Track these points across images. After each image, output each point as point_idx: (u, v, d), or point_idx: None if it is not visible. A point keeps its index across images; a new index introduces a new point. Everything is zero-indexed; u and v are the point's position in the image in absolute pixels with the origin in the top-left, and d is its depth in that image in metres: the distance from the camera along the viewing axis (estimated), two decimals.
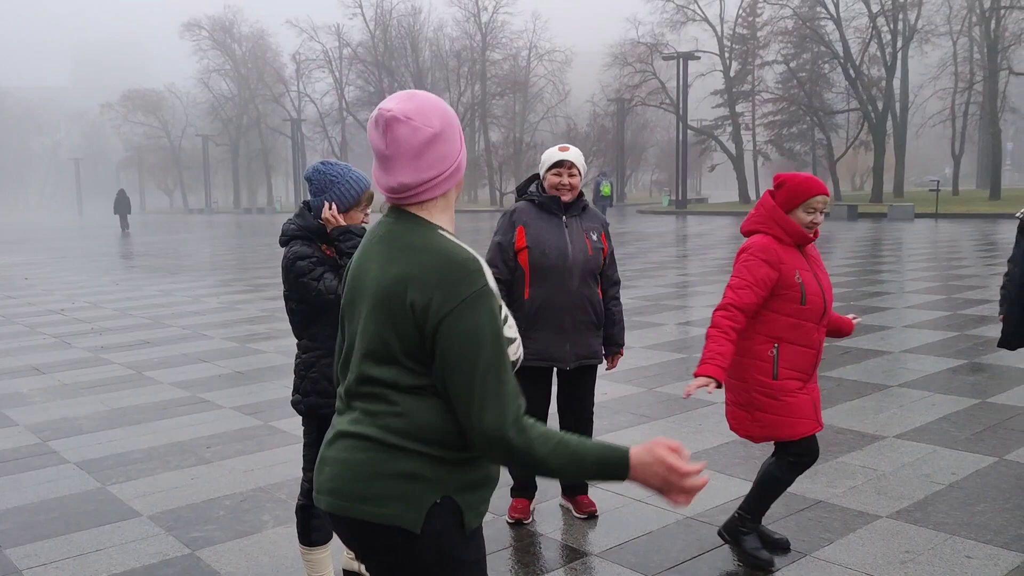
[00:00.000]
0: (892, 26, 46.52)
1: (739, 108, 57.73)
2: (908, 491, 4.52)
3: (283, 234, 3.34)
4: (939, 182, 34.20)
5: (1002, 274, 4.80)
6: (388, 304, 1.79)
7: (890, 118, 47.71)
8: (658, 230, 30.39)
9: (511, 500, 4.32)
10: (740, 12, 55.76)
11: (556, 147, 4.20)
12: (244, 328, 10.48)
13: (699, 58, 52.89)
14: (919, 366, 7.44)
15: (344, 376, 1.95)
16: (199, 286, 15.50)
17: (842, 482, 4.68)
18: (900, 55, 47.50)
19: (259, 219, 56.72)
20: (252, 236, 34.07)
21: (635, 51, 59.04)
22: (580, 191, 4.18)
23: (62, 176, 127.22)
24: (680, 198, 50.30)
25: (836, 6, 46.97)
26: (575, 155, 4.13)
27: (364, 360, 1.84)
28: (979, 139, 58.90)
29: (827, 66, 53.09)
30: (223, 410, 6.58)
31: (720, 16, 55.61)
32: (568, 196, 4.12)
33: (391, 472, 1.79)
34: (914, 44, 48.65)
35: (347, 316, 1.95)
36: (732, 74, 56.01)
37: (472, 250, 1.85)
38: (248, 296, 13.79)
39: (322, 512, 1.90)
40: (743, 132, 57.35)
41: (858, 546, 3.87)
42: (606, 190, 34.01)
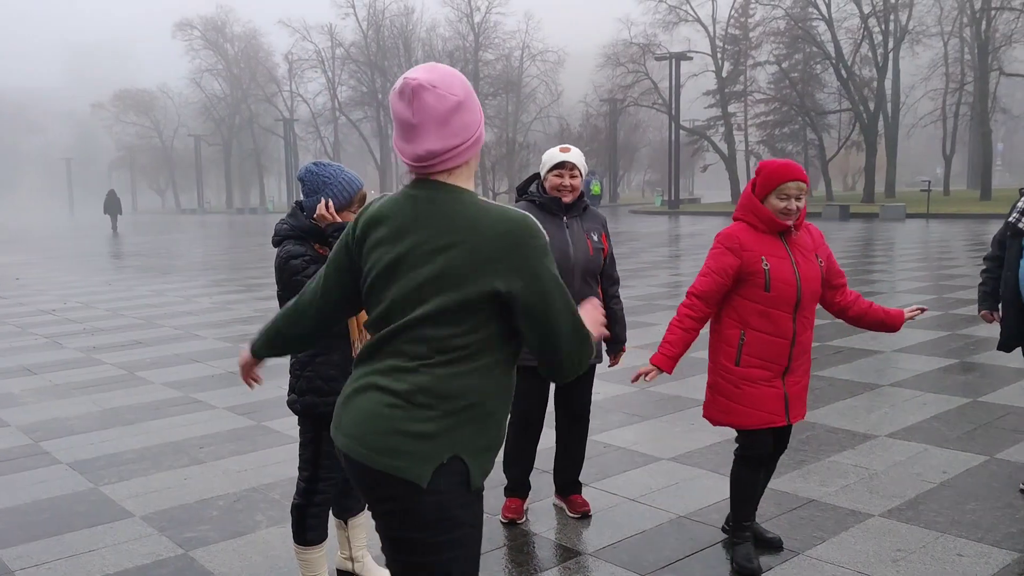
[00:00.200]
0: (883, 27, 46.70)
1: (731, 108, 57.85)
2: (900, 490, 4.54)
3: (276, 234, 3.34)
4: (930, 182, 34.31)
5: (980, 271, 4.82)
6: (456, 271, 1.90)
7: (882, 118, 47.88)
8: (651, 230, 30.44)
9: (505, 500, 4.32)
10: (732, 13, 55.88)
11: (557, 148, 4.18)
12: (237, 328, 10.46)
13: (691, 58, 53.05)
14: (910, 365, 7.47)
15: (377, 328, 2.03)
16: (191, 286, 15.46)
17: (834, 481, 4.70)
18: (891, 56, 47.70)
19: (251, 219, 56.62)
20: (245, 236, 34.02)
21: (628, 51, 59.12)
22: (580, 192, 4.19)
23: (53, 176, 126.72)
24: (673, 198, 50.42)
25: (828, 7, 47.11)
26: (576, 156, 4.13)
27: (417, 320, 1.94)
28: (970, 140, 59.07)
29: (819, 66, 53.21)
30: (216, 410, 6.57)
31: (712, 16, 55.78)
32: (569, 197, 4.12)
33: (410, 431, 1.92)
34: (905, 45, 48.88)
35: (385, 277, 2.01)
36: (724, 74, 56.11)
37: (516, 208, 1.98)
38: (241, 296, 13.77)
39: (337, 449, 2.04)
40: (735, 132, 57.44)
41: (850, 545, 3.89)
42: (596, 189, 34.16)
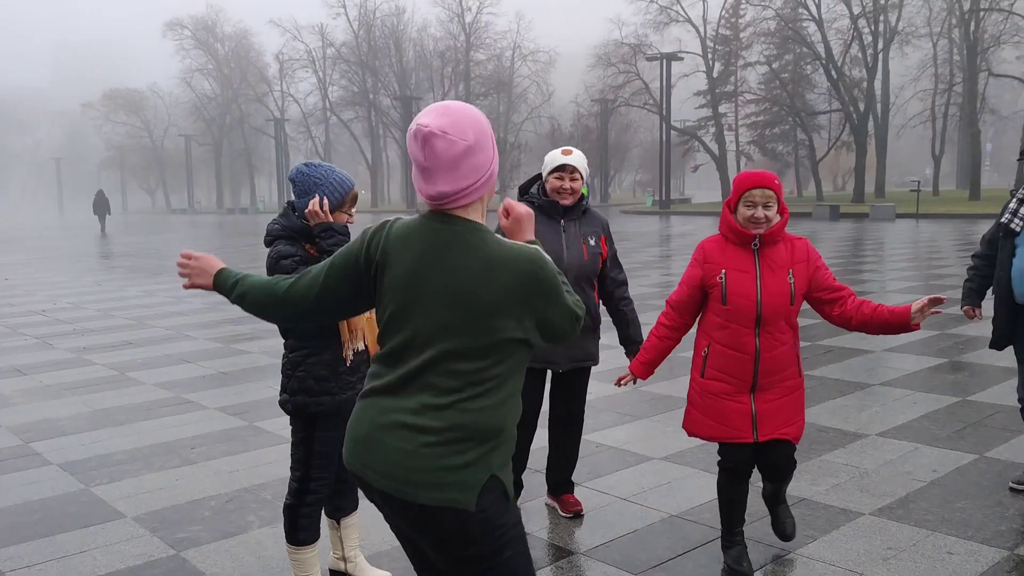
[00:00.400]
0: (873, 28, 46.91)
1: (722, 109, 58.03)
2: (890, 488, 4.56)
3: (267, 234, 3.34)
4: (920, 183, 34.46)
5: (967, 267, 4.82)
6: (481, 305, 2.03)
7: (871, 119, 48.12)
8: (642, 230, 30.49)
9: None
10: (723, 13, 56.06)
11: (559, 150, 4.17)
12: (228, 328, 10.43)
13: (682, 59, 53.15)
14: (900, 364, 7.50)
15: (396, 362, 2.11)
16: (182, 286, 15.39)
17: (825, 480, 4.72)
18: (881, 56, 47.94)
19: (242, 219, 56.46)
20: (235, 236, 33.92)
21: (618, 52, 59.21)
22: (581, 194, 4.18)
23: (43, 176, 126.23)
24: (663, 198, 50.53)
25: (818, 8, 47.31)
26: (578, 159, 4.12)
27: (444, 354, 2.04)
28: (959, 140, 59.42)
29: (809, 67, 53.45)
30: (207, 411, 6.56)
31: (703, 17, 55.94)
32: (568, 200, 4.12)
33: (452, 464, 2.02)
34: (895, 46, 49.14)
35: (407, 310, 2.10)
36: (715, 75, 56.29)
37: (524, 243, 2.18)
38: None
39: (375, 492, 2.09)
40: (726, 133, 57.64)
41: (841, 543, 3.91)
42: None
